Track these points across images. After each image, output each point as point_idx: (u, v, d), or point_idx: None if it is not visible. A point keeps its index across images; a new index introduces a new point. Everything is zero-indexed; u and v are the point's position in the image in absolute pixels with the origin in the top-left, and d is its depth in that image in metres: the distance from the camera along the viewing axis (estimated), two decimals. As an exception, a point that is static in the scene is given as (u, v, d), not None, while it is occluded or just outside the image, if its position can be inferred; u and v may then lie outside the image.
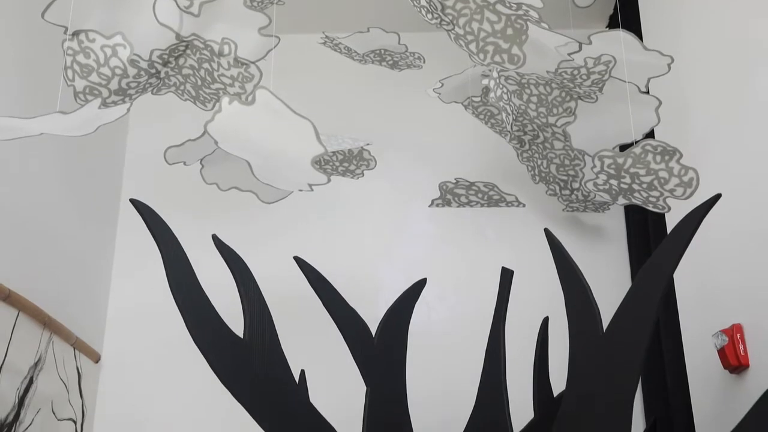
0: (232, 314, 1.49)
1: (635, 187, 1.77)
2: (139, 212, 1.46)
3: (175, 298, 1.41)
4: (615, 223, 2.44)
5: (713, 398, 1.79)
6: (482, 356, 1.63)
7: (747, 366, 1.61)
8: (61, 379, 1.98)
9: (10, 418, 1.71)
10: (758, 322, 1.60)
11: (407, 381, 1.70)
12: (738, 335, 1.63)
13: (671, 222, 2.03)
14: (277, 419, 1.46)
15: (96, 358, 2.22)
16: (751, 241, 1.65)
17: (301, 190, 1.71)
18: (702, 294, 1.88)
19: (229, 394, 1.43)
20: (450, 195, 2.16)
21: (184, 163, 2.01)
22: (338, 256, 2.30)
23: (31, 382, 1.80)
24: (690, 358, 1.94)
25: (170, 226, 1.48)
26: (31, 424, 1.79)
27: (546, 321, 1.89)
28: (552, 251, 1.48)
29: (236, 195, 2.09)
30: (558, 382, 1.60)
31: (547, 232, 1.53)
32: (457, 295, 2.36)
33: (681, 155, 1.67)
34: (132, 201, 1.46)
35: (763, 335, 1.58)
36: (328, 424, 1.54)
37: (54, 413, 1.93)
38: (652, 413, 2.04)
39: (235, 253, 1.57)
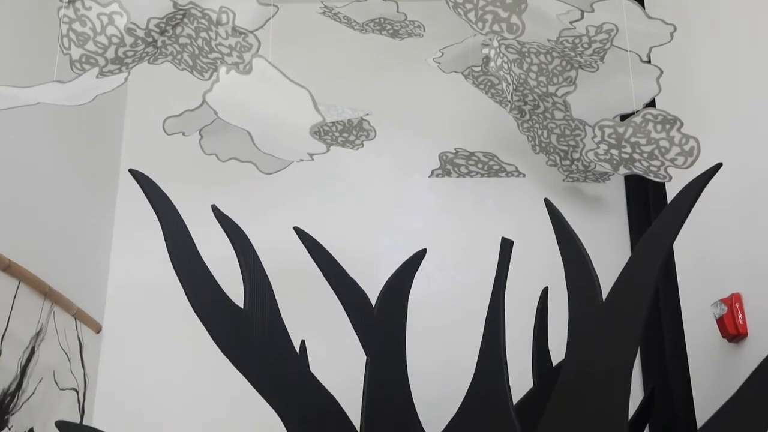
0: (232, 285, 1.49)
1: (636, 156, 1.76)
2: (138, 182, 1.46)
3: (174, 268, 1.42)
4: (615, 193, 2.44)
5: (711, 367, 1.80)
6: (482, 326, 1.64)
7: (745, 335, 1.62)
8: (63, 350, 1.99)
9: (13, 387, 1.72)
10: (757, 291, 1.61)
11: (407, 351, 1.71)
12: (737, 304, 1.64)
13: (671, 192, 2.03)
14: (277, 389, 1.47)
15: (97, 329, 2.23)
16: (751, 211, 1.65)
17: (302, 160, 1.70)
18: (701, 264, 1.88)
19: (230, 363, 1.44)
20: (450, 165, 2.15)
21: (183, 134, 2.00)
22: (338, 227, 2.30)
23: (32, 351, 1.81)
24: (689, 327, 1.95)
25: (169, 197, 1.48)
26: (33, 393, 1.80)
27: (545, 291, 1.90)
28: (552, 221, 1.48)
29: (235, 166, 2.09)
30: (557, 351, 1.61)
31: (547, 202, 1.53)
32: (456, 266, 2.37)
33: (682, 124, 1.66)
34: (131, 171, 1.46)
35: (762, 304, 1.58)
36: (329, 393, 1.55)
37: (56, 383, 1.94)
38: (651, 382, 2.05)
39: (235, 223, 1.57)
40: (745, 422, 1.06)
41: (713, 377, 1.80)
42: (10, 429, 1.70)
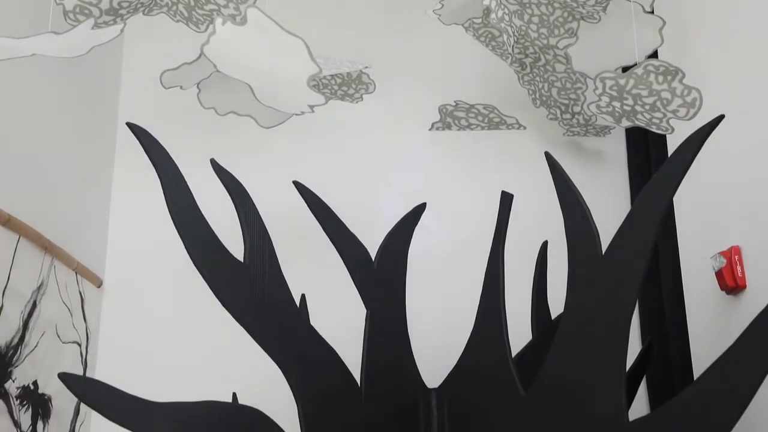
0: (232, 239, 1.49)
1: (638, 108, 1.75)
2: (135, 136, 1.45)
3: (174, 222, 1.41)
4: (615, 147, 2.42)
5: (709, 319, 1.81)
6: (481, 280, 1.64)
7: (744, 287, 1.63)
8: (65, 304, 2.00)
9: (16, 340, 1.73)
10: (757, 244, 1.61)
11: (407, 304, 1.72)
12: (736, 257, 1.64)
13: (672, 145, 2.02)
14: (278, 341, 1.48)
15: (98, 283, 2.24)
16: (752, 163, 1.65)
17: (303, 112, 1.69)
18: (701, 217, 1.88)
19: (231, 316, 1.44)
20: (450, 118, 2.14)
21: (181, 87, 1.99)
22: (337, 182, 2.29)
23: (34, 305, 1.82)
24: (687, 280, 1.96)
25: (167, 151, 1.47)
26: (36, 346, 1.82)
27: (545, 245, 1.90)
28: (552, 174, 1.48)
29: (234, 119, 2.08)
30: (556, 305, 1.62)
31: (547, 155, 1.52)
32: (456, 220, 2.37)
33: (683, 75, 1.64)
34: (128, 125, 1.45)
35: (761, 257, 1.59)
36: (329, 345, 1.56)
37: (59, 336, 1.96)
38: (648, 334, 2.07)
39: (234, 177, 1.57)
40: (742, 373, 1.07)
41: (711, 329, 1.81)
42: (14, 381, 1.71)
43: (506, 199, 1.64)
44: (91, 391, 1.30)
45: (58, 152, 2.08)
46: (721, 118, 1.27)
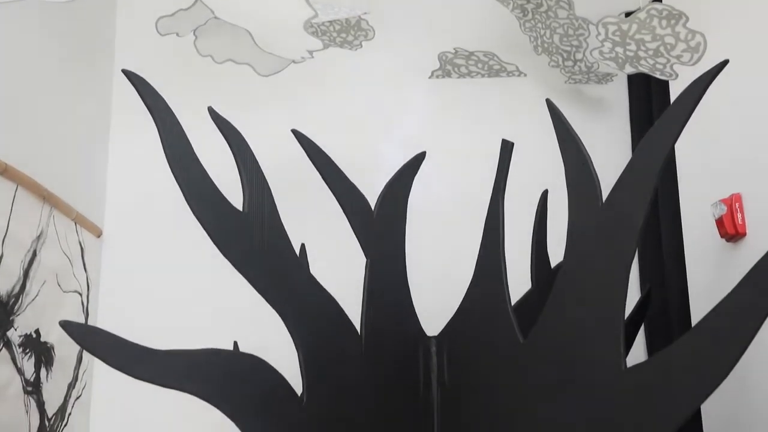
0: (230, 190, 1.48)
1: (641, 54, 1.73)
2: (132, 83, 1.42)
3: (172, 171, 1.40)
4: (617, 94, 2.40)
5: (708, 266, 1.82)
6: (481, 229, 1.64)
7: (744, 235, 1.63)
8: (65, 253, 2.00)
9: (17, 289, 1.74)
10: (757, 191, 1.61)
11: (406, 255, 1.72)
12: (737, 204, 1.64)
13: (675, 92, 2.00)
14: (278, 290, 1.48)
15: (98, 233, 2.24)
16: (754, 110, 1.63)
17: (302, 58, 1.67)
18: (703, 164, 1.87)
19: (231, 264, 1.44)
20: (450, 65, 2.11)
21: (177, 35, 1.96)
22: (336, 130, 2.28)
23: (34, 255, 1.82)
24: (687, 227, 1.96)
25: (164, 99, 1.45)
26: (37, 295, 1.83)
27: (545, 193, 1.90)
28: (553, 121, 1.46)
29: (232, 68, 2.05)
30: (556, 254, 1.62)
31: (548, 102, 1.50)
32: (456, 168, 2.36)
33: (687, 19, 1.61)
34: (124, 72, 1.43)
35: (762, 205, 1.59)
36: (329, 294, 1.57)
37: (59, 285, 1.96)
38: (648, 282, 2.08)
39: (232, 125, 1.55)
40: (741, 318, 1.07)
41: (710, 277, 1.82)
42: (16, 329, 1.73)
43: (506, 148, 1.63)
44: (92, 339, 1.31)
45: (55, 101, 2.06)
46: (725, 63, 1.25)
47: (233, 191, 1.48)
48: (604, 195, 1.36)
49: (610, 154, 2.18)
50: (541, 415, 1.39)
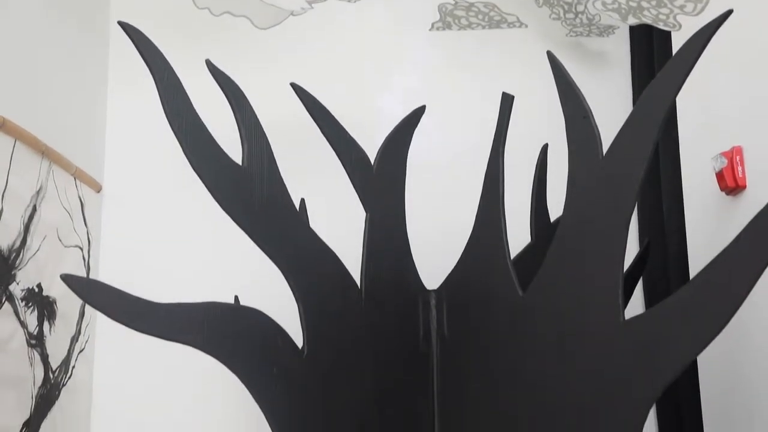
0: (229, 144, 1.47)
1: (644, 4, 1.71)
2: (128, 35, 1.41)
3: (170, 125, 1.39)
4: (619, 48, 2.38)
5: (708, 220, 1.82)
6: (481, 183, 1.64)
7: (744, 188, 1.63)
8: (65, 208, 2.00)
9: (18, 243, 1.74)
10: (759, 143, 1.60)
11: (406, 208, 1.72)
12: (737, 157, 1.63)
13: (677, 45, 1.97)
14: (278, 245, 1.48)
15: (97, 188, 2.23)
16: (757, 62, 1.62)
17: (303, 9, 1.65)
18: (704, 117, 1.86)
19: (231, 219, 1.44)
20: (450, 17, 2.09)
21: (174, -14, 1.93)
22: (335, 84, 2.26)
23: (34, 209, 1.83)
24: (687, 181, 1.96)
25: (161, 51, 1.43)
26: (38, 250, 1.83)
27: (545, 147, 1.89)
28: (554, 73, 1.45)
29: (230, 20, 2.03)
30: (556, 209, 1.62)
31: (549, 54, 1.49)
32: (456, 122, 2.35)
33: (691, -31, 1.59)
34: (120, 24, 1.41)
35: (762, 157, 1.58)
36: (329, 249, 1.57)
37: (60, 240, 1.97)
38: (647, 236, 2.08)
39: (231, 79, 1.53)
40: (740, 269, 1.08)
41: (709, 230, 1.82)
42: (18, 283, 1.74)
43: (507, 101, 1.62)
44: (93, 292, 1.32)
45: (52, 55, 2.04)
46: (728, 13, 1.23)
47: (232, 146, 1.48)
48: (605, 149, 1.36)
49: (612, 108, 2.16)
50: (539, 367, 1.41)
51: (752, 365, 1.63)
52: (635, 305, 2.04)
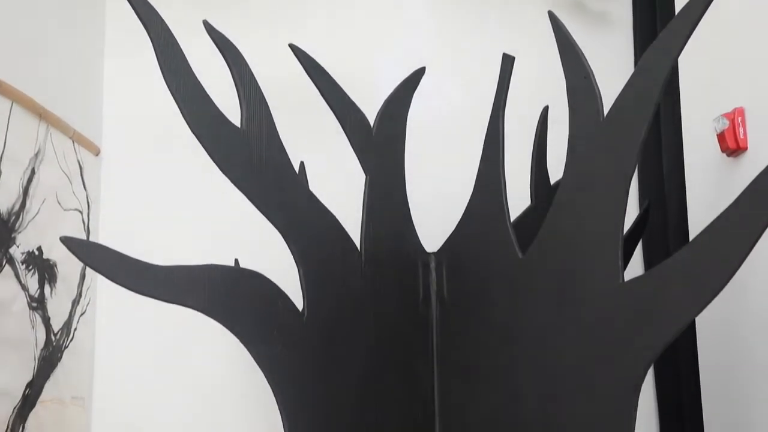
0: (227, 106, 1.46)
1: (646, -37, 1.68)
2: (124, -4, 1.39)
3: (168, 87, 1.38)
4: (621, 8, 2.35)
5: (708, 181, 1.81)
6: (481, 145, 1.63)
7: (745, 149, 1.62)
8: (63, 172, 2.00)
9: (17, 207, 1.74)
10: (761, 104, 1.59)
11: (406, 171, 1.71)
12: (739, 119, 1.62)
13: (680, 5, 1.95)
14: (278, 207, 1.48)
15: (96, 151, 2.23)
16: (761, 21, 1.60)
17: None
18: (706, 78, 1.85)
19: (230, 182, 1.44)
20: (451, -23, 2.06)
21: (170, -54, 1.90)
22: (334, 45, 2.24)
23: (33, 172, 1.82)
24: (688, 143, 1.95)
25: (158, 12, 1.42)
26: (38, 213, 1.83)
27: (546, 109, 1.88)
28: (555, 34, 1.43)
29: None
30: (556, 172, 1.61)
31: (550, 14, 1.47)
32: (456, 84, 2.33)
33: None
34: (116, -17, 1.39)
35: (765, 118, 1.57)
36: (329, 211, 1.57)
37: (59, 203, 1.97)
38: (647, 198, 2.08)
39: (229, 40, 1.52)
40: (738, 232, 1.08)
41: (709, 191, 1.82)
42: (18, 246, 1.74)
43: (507, 62, 1.61)
44: (92, 254, 1.32)
45: (48, 16, 2.02)
46: (732, -28, 1.22)
47: (231, 111, 1.47)
48: (606, 110, 1.35)
49: (613, 70, 2.13)
50: (539, 329, 1.42)
51: (751, 329, 1.64)
52: (635, 268, 2.04)
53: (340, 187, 1.77)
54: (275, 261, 1.55)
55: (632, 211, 1.90)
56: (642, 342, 1.20)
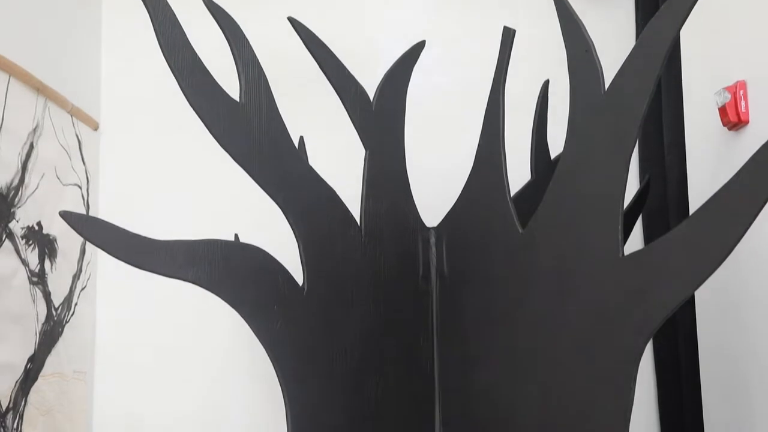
0: (227, 82, 1.46)
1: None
2: (121, -32, 1.38)
3: (167, 61, 1.38)
4: (623, -19, 2.34)
5: (709, 155, 1.81)
6: (482, 120, 1.63)
7: (746, 123, 1.62)
8: (62, 146, 1.99)
9: (16, 181, 1.74)
10: (763, 77, 1.58)
11: (406, 145, 1.71)
12: (741, 92, 1.62)
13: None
14: (278, 182, 1.48)
15: (95, 126, 2.22)
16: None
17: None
18: (708, 51, 1.83)
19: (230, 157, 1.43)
20: (451, -50, 2.04)
21: None
22: (333, 19, 2.22)
23: (31, 147, 1.82)
24: (689, 116, 1.94)
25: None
26: (37, 188, 1.83)
27: (546, 83, 1.87)
28: (556, 7, 1.42)
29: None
30: (556, 147, 1.61)
31: (552, -13, 1.45)
32: (456, 58, 2.32)
33: None
34: (113, -44, 1.38)
35: (766, 91, 1.56)
36: (328, 185, 1.57)
37: (59, 178, 1.96)
38: (647, 172, 2.08)
39: (228, 14, 1.51)
40: (738, 206, 1.08)
41: (710, 165, 1.81)
42: (17, 221, 1.74)
43: (507, 36, 1.59)
44: (92, 229, 1.32)
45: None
46: (735, -56, 1.20)
47: (231, 84, 1.46)
48: (607, 84, 1.34)
49: (615, 43, 2.13)
50: (538, 302, 1.42)
51: (750, 308, 1.65)
52: (635, 242, 2.04)
53: (339, 161, 1.76)
54: (275, 236, 1.55)
55: (633, 186, 1.90)
56: (642, 315, 1.20)
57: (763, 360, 1.58)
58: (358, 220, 1.60)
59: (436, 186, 1.85)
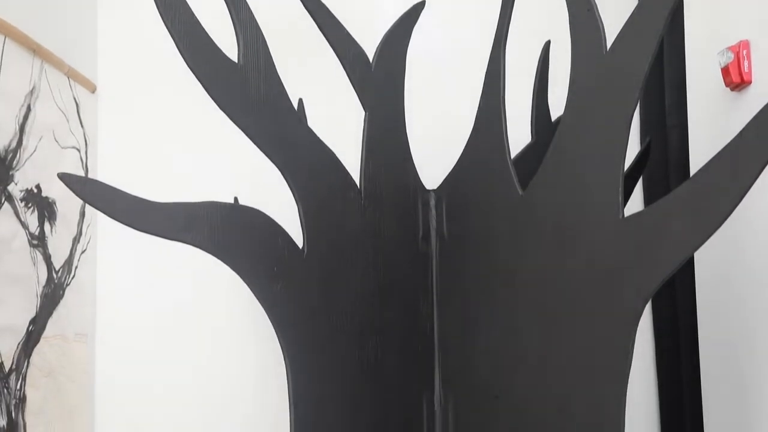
0: (226, 45, 1.44)
1: None
2: (116, -74, 1.36)
3: (163, 20, 1.36)
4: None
5: (711, 115, 1.80)
6: (482, 82, 1.62)
7: (749, 83, 1.60)
8: (60, 109, 1.98)
9: (14, 144, 1.73)
10: (766, 37, 1.56)
11: (405, 109, 1.70)
12: (744, 52, 1.60)
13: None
14: (277, 144, 1.47)
15: (92, 88, 2.20)
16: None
17: None
18: (711, 10, 1.81)
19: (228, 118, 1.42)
20: None
21: None
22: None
23: (29, 109, 1.80)
24: (692, 77, 1.92)
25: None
26: (35, 150, 1.82)
27: (548, 44, 1.85)
28: (558, -35, 1.40)
29: None
30: (557, 109, 1.60)
31: (554, -56, 1.43)
32: (457, 19, 2.29)
33: None
34: None
35: (769, 51, 1.55)
36: (327, 147, 1.56)
37: (57, 141, 1.95)
38: (648, 133, 2.07)
39: (224, -27, 1.49)
40: (739, 166, 1.07)
41: (712, 125, 1.80)
42: (16, 184, 1.73)
43: (509, -5, 1.57)
44: (91, 190, 1.32)
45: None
46: None
47: (230, 47, 1.44)
48: (609, 43, 1.33)
49: (617, 3, 2.11)
50: (538, 264, 1.42)
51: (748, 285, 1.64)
52: (635, 205, 2.04)
53: (339, 123, 1.75)
54: (275, 198, 1.55)
55: (633, 148, 1.89)
56: (641, 275, 1.21)
57: (763, 360, 1.58)
58: (357, 182, 1.59)
59: (436, 148, 1.84)
